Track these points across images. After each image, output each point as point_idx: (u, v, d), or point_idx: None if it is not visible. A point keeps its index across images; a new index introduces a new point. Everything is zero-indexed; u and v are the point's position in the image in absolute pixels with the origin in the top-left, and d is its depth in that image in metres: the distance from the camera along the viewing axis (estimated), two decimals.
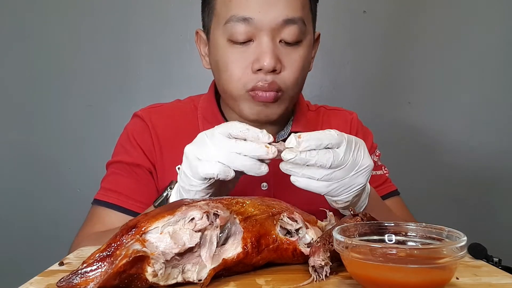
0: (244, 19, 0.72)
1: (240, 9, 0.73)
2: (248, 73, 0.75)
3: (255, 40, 0.74)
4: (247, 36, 0.74)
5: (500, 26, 1.55)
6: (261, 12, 0.72)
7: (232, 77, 0.76)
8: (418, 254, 0.44)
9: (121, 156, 0.87)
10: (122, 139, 0.89)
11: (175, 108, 0.92)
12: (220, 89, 0.82)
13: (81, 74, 1.48)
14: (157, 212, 0.50)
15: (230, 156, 0.57)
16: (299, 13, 0.75)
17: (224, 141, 0.57)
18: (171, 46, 1.49)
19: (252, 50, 0.74)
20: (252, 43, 0.74)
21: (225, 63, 0.76)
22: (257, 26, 0.73)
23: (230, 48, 0.75)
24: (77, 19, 1.47)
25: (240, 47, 0.75)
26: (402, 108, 1.56)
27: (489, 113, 1.57)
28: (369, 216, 0.61)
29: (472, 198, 1.58)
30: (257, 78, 0.74)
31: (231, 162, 0.57)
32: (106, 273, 0.45)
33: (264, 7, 0.72)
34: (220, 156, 0.57)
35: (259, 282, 0.51)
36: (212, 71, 0.83)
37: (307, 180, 0.58)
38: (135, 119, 0.91)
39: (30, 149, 1.49)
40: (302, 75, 0.79)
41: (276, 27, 0.73)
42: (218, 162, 0.57)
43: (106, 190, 0.84)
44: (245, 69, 0.75)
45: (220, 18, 0.75)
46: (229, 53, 0.75)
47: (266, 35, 0.73)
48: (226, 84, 0.77)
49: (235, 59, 0.75)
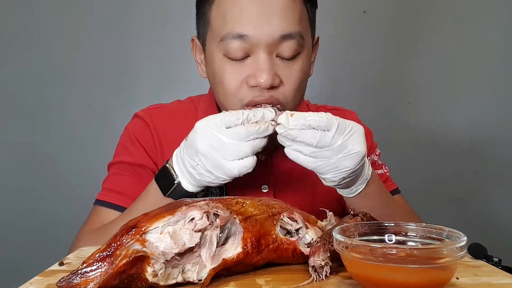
0: (239, 36, 0.71)
1: (235, 25, 0.71)
2: (244, 88, 0.73)
3: (251, 55, 0.72)
4: (244, 53, 0.72)
5: (500, 25, 1.55)
6: (257, 29, 0.70)
7: (228, 91, 0.75)
8: (418, 254, 0.44)
9: (122, 156, 0.86)
10: (123, 139, 0.89)
11: (175, 108, 0.92)
12: (218, 101, 0.82)
13: (81, 74, 1.49)
14: (157, 212, 0.50)
15: (251, 144, 0.62)
16: (296, 28, 0.72)
17: (239, 132, 0.61)
18: (171, 46, 1.49)
19: (249, 65, 0.73)
20: (248, 58, 0.73)
21: (221, 77, 0.75)
22: (253, 43, 0.71)
23: (226, 63, 0.74)
24: (77, 19, 1.47)
25: (236, 63, 0.73)
26: (402, 108, 1.56)
27: (489, 113, 1.57)
28: (369, 216, 0.61)
29: (472, 198, 1.58)
30: (251, 93, 0.73)
31: (253, 150, 0.62)
32: (106, 273, 0.45)
33: (260, 23, 0.70)
34: (245, 149, 0.61)
35: (259, 282, 0.51)
36: (209, 80, 0.82)
37: (296, 153, 0.63)
38: (136, 119, 0.90)
39: (30, 149, 1.49)
40: (302, 87, 0.78)
41: (272, 42, 0.71)
42: (247, 157, 0.62)
43: (108, 191, 0.84)
44: (241, 83, 0.73)
45: (215, 32, 0.74)
46: (225, 68, 0.74)
47: (263, 51, 0.71)
48: (222, 97, 0.77)
49: (231, 74, 0.74)
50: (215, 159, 0.62)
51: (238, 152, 0.61)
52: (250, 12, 0.70)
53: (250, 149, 0.62)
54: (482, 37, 1.54)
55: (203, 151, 0.62)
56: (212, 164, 0.62)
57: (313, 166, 0.64)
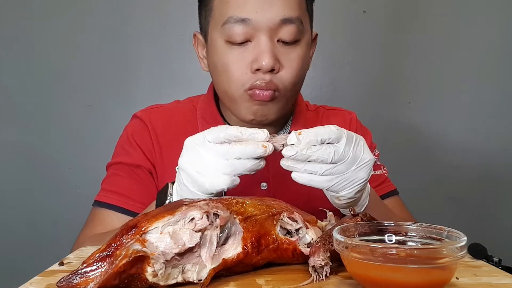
0: (241, 20, 0.72)
1: (237, 10, 0.73)
2: (247, 73, 0.74)
3: (253, 40, 0.74)
4: (245, 37, 0.73)
5: (500, 26, 1.55)
6: (258, 12, 0.72)
7: (231, 78, 0.75)
8: (418, 254, 0.44)
9: (121, 157, 0.87)
10: (122, 140, 0.89)
11: (174, 108, 0.92)
12: (219, 91, 0.82)
13: (81, 74, 1.49)
14: (157, 212, 0.50)
15: (233, 164, 0.58)
16: (296, 13, 0.74)
17: (220, 149, 0.58)
18: (171, 46, 1.49)
19: (251, 50, 0.74)
20: (250, 43, 0.74)
21: (224, 64, 0.76)
22: (255, 27, 0.73)
23: (229, 49, 0.75)
24: (77, 19, 1.47)
25: (238, 48, 0.74)
26: (402, 108, 1.56)
27: (489, 113, 1.57)
28: (369, 216, 0.61)
29: (472, 198, 1.58)
30: (255, 77, 0.74)
31: (234, 170, 0.58)
32: (106, 273, 0.45)
33: (261, 7, 0.72)
34: (223, 167, 0.58)
35: (259, 282, 0.51)
36: (211, 73, 0.83)
37: (308, 175, 0.60)
38: (134, 120, 0.91)
39: (30, 149, 1.49)
40: (300, 75, 0.79)
41: (273, 27, 0.73)
42: (224, 174, 0.58)
43: (107, 192, 0.84)
44: (244, 69, 0.74)
45: (218, 19, 0.75)
46: (227, 54, 0.75)
47: (264, 34, 0.73)
48: (225, 85, 0.77)
49: (233, 60, 0.75)
50: (192, 174, 0.60)
51: (213, 169, 0.58)
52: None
53: (228, 168, 0.58)
54: (482, 37, 1.54)
55: (183, 166, 0.61)
56: (190, 180, 0.61)
57: (329, 185, 0.61)
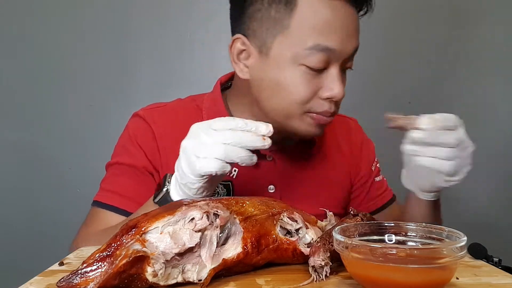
0: (327, 49, 0.71)
1: (325, 38, 0.71)
2: (316, 99, 0.74)
3: (327, 68, 0.73)
4: (324, 65, 0.72)
5: (500, 24, 1.55)
6: (343, 43, 0.72)
7: (298, 100, 0.74)
8: (418, 254, 0.44)
9: (121, 157, 0.85)
10: (123, 139, 0.88)
11: (177, 107, 0.90)
12: (271, 107, 0.77)
13: (81, 73, 1.49)
14: (157, 212, 0.50)
15: (226, 149, 0.58)
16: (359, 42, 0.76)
17: (220, 134, 0.59)
18: (171, 46, 1.49)
19: (323, 77, 0.73)
20: (324, 70, 0.73)
21: (292, 86, 0.73)
22: (335, 56, 0.72)
23: (301, 72, 0.73)
24: (78, 19, 1.47)
25: (312, 73, 0.73)
26: (402, 108, 1.56)
27: (489, 112, 1.57)
28: (369, 216, 0.61)
29: (472, 198, 1.58)
30: (323, 105, 0.74)
31: (227, 156, 0.58)
32: (106, 273, 0.45)
33: (345, 38, 0.72)
34: (217, 151, 0.58)
35: (259, 282, 0.51)
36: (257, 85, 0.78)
37: (431, 159, 0.64)
38: (136, 119, 0.88)
39: (30, 149, 1.49)
40: None
41: (347, 57, 0.74)
42: (215, 158, 0.58)
43: (106, 192, 0.83)
44: (312, 94, 0.73)
45: (295, 40, 0.72)
46: (299, 77, 0.73)
47: (340, 64, 0.74)
48: (283, 103, 0.75)
49: (305, 84, 0.73)
50: (189, 156, 0.60)
51: (208, 151, 0.59)
52: (339, 27, 0.71)
53: (222, 153, 0.58)
54: (482, 36, 1.54)
55: (184, 147, 0.62)
56: (186, 161, 0.61)
57: (448, 169, 0.66)
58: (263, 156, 0.83)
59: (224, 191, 0.81)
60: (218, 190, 0.81)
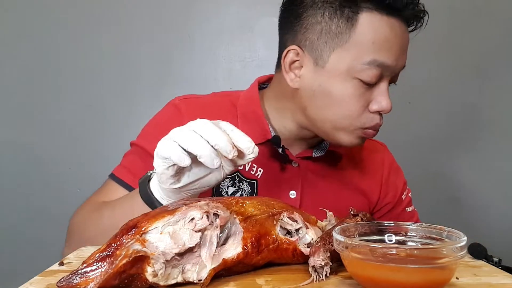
0: (383, 65, 0.74)
1: (382, 54, 0.73)
2: (366, 112, 0.76)
3: (378, 83, 0.76)
4: (377, 80, 0.75)
5: (498, 23, 1.55)
6: (397, 60, 0.75)
7: (351, 115, 0.76)
8: (418, 254, 0.44)
9: (144, 141, 0.84)
10: (152, 123, 0.86)
11: (212, 102, 0.89)
12: (320, 117, 0.78)
13: (81, 73, 1.49)
14: (157, 212, 0.50)
15: (190, 136, 0.54)
16: None
17: (198, 126, 0.55)
18: (171, 46, 1.49)
19: (374, 90, 0.76)
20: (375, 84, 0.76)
21: (346, 99, 0.75)
22: (388, 72, 0.75)
23: (355, 86, 0.75)
24: (77, 19, 1.47)
25: (363, 87, 0.75)
26: (402, 108, 1.56)
27: (489, 112, 1.57)
28: (369, 216, 0.61)
29: (472, 198, 1.58)
30: (373, 119, 0.77)
31: (188, 143, 0.54)
32: (106, 273, 0.45)
33: (400, 55, 0.75)
34: (182, 137, 0.54)
35: (259, 282, 0.51)
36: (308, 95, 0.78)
37: None
38: (171, 107, 0.87)
39: (30, 149, 1.49)
40: None
41: (398, 72, 0.78)
42: (176, 143, 0.54)
43: (123, 167, 0.83)
44: (363, 107, 0.76)
45: (353, 54, 0.74)
46: (352, 90, 0.75)
47: (389, 80, 0.77)
48: (339, 118, 0.77)
49: (358, 98, 0.75)
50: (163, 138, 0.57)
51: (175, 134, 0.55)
52: (396, 44, 0.74)
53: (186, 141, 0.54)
54: (482, 35, 1.55)
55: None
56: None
57: None
58: (290, 161, 0.85)
59: (249, 189, 0.83)
60: (243, 187, 0.82)
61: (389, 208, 0.95)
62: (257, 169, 0.84)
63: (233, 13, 1.52)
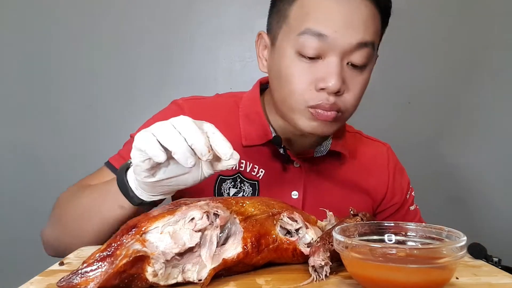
0: (318, 35, 0.70)
1: (317, 24, 0.71)
2: (311, 90, 0.73)
3: (324, 58, 0.72)
4: (317, 53, 0.71)
5: (498, 23, 1.55)
6: (338, 32, 0.70)
7: (294, 90, 0.74)
8: (418, 254, 0.44)
9: None
10: (155, 119, 0.85)
11: (217, 103, 0.89)
12: (277, 97, 0.79)
13: (81, 73, 1.49)
14: (157, 212, 0.50)
15: (168, 131, 0.52)
16: (372, 37, 0.73)
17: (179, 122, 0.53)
18: (171, 46, 1.49)
19: (319, 67, 0.72)
20: (320, 60, 0.72)
21: (290, 75, 0.74)
22: (330, 45, 0.71)
23: (297, 61, 0.73)
24: (77, 19, 1.47)
25: (307, 62, 0.73)
26: (402, 108, 1.56)
27: (489, 112, 1.57)
28: (369, 216, 0.61)
29: (472, 198, 1.58)
30: (319, 96, 0.73)
31: (165, 138, 0.52)
32: (106, 273, 0.45)
33: (341, 28, 0.70)
34: (159, 130, 0.52)
35: (259, 282, 0.51)
36: (270, 77, 0.81)
37: None
38: (174, 106, 0.87)
39: (30, 149, 1.49)
40: (360, 98, 0.79)
41: (348, 49, 0.71)
42: (154, 136, 0.52)
43: (119, 156, 0.83)
44: (308, 85, 0.73)
45: (293, 28, 0.73)
46: (295, 66, 0.73)
47: (337, 55, 0.71)
48: (286, 95, 0.76)
49: (300, 73, 0.73)
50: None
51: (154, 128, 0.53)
52: (335, 15, 0.70)
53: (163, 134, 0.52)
54: (482, 35, 1.55)
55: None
56: None
57: None
58: (291, 162, 0.85)
59: (250, 190, 0.83)
60: (244, 188, 0.82)
61: (396, 208, 0.95)
62: (259, 170, 0.84)
63: (233, 13, 1.52)
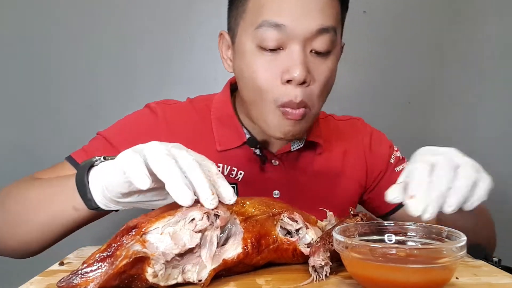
0: (276, 25, 0.68)
1: (273, 14, 0.69)
2: (277, 85, 0.70)
3: (285, 48, 0.70)
4: (278, 44, 0.69)
5: (499, 23, 1.55)
6: (295, 20, 0.68)
7: (261, 87, 0.71)
8: (418, 254, 0.44)
9: (110, 134, 0.82)
10: (126, 120, 0.86)
11: (189, 107, 0.88)
12: (245, 97, 0.76)
13: (81, 73, 1.49)
14: (158, 212, 0.50)
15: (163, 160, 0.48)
16: (332, 22, 0.71)
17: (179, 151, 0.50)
18: (171, 46, 1.49)
19: (282, 59, 0.70)
20: (282, 51, 0.70)
21: (252, 71, 0.71)
22: (289, 35, 0.68)
23: (258, 55, 0.71)
24: (77, 19, 1.47)
25: (269, 55, 0.70)
26: (402, 108, 1.56)
27: (489, 112, 1.57)
28: (368, 216, 0.61)
29: None
30: (286, 91, 0.70)
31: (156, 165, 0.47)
32: (106, 274, 0.45)
33: (298, 15, 0.68)
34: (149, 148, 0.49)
35: (259, 282, 0.51)
36: (237, 77, 0.78)
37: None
38: (147, 110, 0.86)
39: (30, 149, 1.49)
40: (328, 88, 0.76)
41: (309, 36, 0.69)
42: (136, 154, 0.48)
43: (82, 151, 0.81)
44: (275, 79, 0.70)
45: (250, 22, 0.71)
46: (257, 60, 0.71)
47: (298, 44, 0.69)
48: (253, 94, 0.73)
49: (263, 68, 0.71)
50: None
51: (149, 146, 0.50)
52: (291, 3, 0.68)
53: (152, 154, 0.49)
54: (483, 35, 1.55)
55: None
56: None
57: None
58: (269, 160, 0.83)
59: None
60: None
61: (382, 176, 0.92)
62: (237, 172, 0.82)
63: None
